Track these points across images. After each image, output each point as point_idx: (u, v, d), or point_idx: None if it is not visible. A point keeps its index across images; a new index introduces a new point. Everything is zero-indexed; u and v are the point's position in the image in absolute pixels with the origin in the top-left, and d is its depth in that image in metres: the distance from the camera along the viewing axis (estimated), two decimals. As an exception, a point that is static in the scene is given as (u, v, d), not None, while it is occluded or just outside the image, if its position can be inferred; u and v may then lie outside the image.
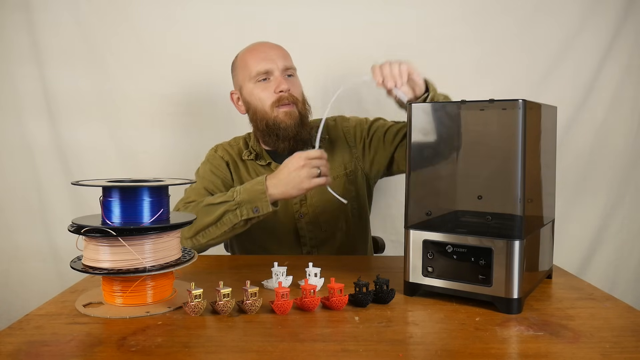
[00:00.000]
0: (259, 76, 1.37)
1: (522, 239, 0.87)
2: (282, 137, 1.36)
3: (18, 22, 1.78)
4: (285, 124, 1.35)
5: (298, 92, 1.40)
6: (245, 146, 1.48)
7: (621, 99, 1.87)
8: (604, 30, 1.83)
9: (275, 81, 1.36)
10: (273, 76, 1.37)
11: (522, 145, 0.85)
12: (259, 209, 1.20)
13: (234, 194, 1.23)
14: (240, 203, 1.21)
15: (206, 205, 1.25)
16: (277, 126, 1.36)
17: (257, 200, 1.20)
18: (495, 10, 1.82)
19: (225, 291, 0.87)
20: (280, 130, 1.36)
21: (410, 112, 0.95)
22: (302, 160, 1.19)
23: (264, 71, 1.36)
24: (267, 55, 1.38)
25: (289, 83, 1.37)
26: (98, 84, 1.82)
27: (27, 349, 0.75)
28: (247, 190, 1.22)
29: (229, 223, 1.23)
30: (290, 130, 1.35)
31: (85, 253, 0.92)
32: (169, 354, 0.73)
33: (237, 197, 1.22)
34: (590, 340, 0.77)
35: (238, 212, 1.22)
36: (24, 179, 1.83)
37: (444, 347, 0.75)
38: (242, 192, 1.22)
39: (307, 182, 1.18)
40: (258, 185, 1.21)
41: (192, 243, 1.25)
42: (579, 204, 1.90)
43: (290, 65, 1.41)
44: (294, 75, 1.42)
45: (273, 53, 1.38)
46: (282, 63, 1.37)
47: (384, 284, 0.93)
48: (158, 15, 1.80)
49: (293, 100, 1.37)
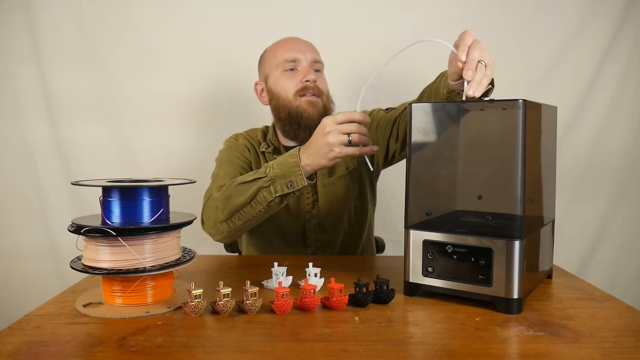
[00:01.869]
0: (287, 64, 1.36)
1: (522, 239, 0.87)
2: (304, 126, 1.35)
3: (18, 21, 1.78)
4: (307, 113, 1.34)
5: (324, 87, 1.40)
6: (263, 138, 1.47)
7: (621, 99, 1.87)
8: (604, 30, 1.83)
9: (302, 71, 1.36)
10: (301, 66, 1.37)
11: (522, 145, 0.85)
12: (294, 183, 1.11)
13: (266, 170, 1.15)
14: (273, 178, 1.13)
15: (239, 184, 1.18)
16: (300, 115, 1.35)
17: (290, 175, 1.11)
18: (494, 11, 1.82)
19: (225, 291, 0.87)
20: (302, 119, 1.34)
21: (410, 112, 0.95)
22: (328, 126, 1.07)
23: (292, 59, 1.36)
24: (297, 46, 1.38)
25: (316, 75, 1.37)
26: (98, 84, 1.82)
27: (27, 349, 0.75)
28: (280, 165, 1.13)
29: (263, 201, 1.15)
30: (312, 120, 1.34)
31: (85, 253, 0.92)
32: (169, 354, 0.73)
33: (269, 172, 1.14)
34: (590, 340, 0.77)
35: (272, 189, 1.13)
36: (24, 179, 1.83)
37: (444, 347, 0.75)
38: (276, 166, 1.14)
39: (335, 149, 1.07)
40: (291, 158, 1.12)
41: (228, 227, 1.21)
42: (579, 204, 1.90)
43: (319, 59, 1.41)
44: (322, 70, 1.42)
45: (303, 45, 1.39)
46: (311, 55, 1.38)
47: (384, 284, 0.93)
48: (158, 15, 1.80)
49: (318, 92, 1.36)
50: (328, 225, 1.41)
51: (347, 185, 1.43)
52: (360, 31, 1.83)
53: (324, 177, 1.42)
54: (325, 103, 1.38)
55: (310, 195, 1.41)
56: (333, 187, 1.42)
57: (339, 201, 1.41)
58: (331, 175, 1.42)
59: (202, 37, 1.81)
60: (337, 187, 1.42)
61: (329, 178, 1.42)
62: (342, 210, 1.42)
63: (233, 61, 1.81)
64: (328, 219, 1.41)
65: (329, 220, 1.41)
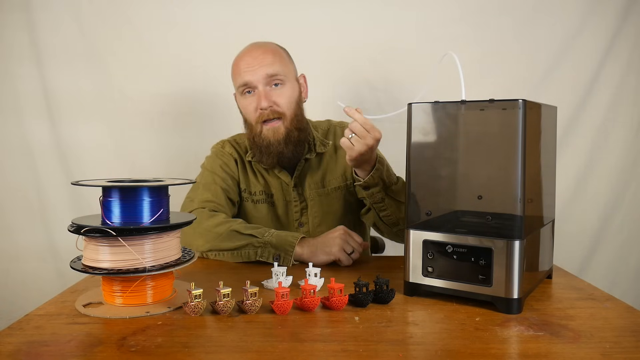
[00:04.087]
0: (243, 88, 1.32)
1: (522, 239, 0.87)
2: (266, 153, 1.33)
3: (18, 21, 1.78)
4: (268, 141, 1.31)
5: (285, 104, 1.32)
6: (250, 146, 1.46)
7: (621, 99, 1.87)
8: (604, 30, 1.83)
9: (257, 97, 1.31)
10: (257, 89, 1.30)
11: (522, 145, 0.85)
12: (280, 258, 1.19)
13: (264, 233, 1.21)
14: (265, 244, 1.20)
15: (233, 230, 1.23)
16: (261, 142, 1.32)
17: (282, 250, 1.19)
18: (494, 11, 1.82)
19: (225, 291, 0.87)
20: (263, 147, 1.33)
21: (411, 111, 0.95)
22: (344, 233, 1.20)
23: (244, 83, 1.31)
24: (250, 65, 1.30)
25: (274, 95, 1.30)
26: (98, 84, 1.82)
27: (27, 349, 0.75)
28: (279, 236, 1.20)
29: (245, 257, 1.22)
30: (273, 147, 1.32)
31: (85, 253, 0.92)
32: (169, 354, 0.73)
33: (267, 237, 1.20)
34: (591, 340, 0.77)
35: (259, 251, 1.20)
36: (24, 179, 1.83)
37: (444, 347, 0.75)
38: (274, 235, 1.20)
39: (337, 249, 1.18)
40: (291, 238, 1.20)
41: (200, 254, 1.26)
42: (579, 204, 1.90)
43: (277, 71, 1.30)
44: (283, 82, 1.32)
45: (257, 62, 1.30)
46: (263, 73, 1.29)
47: (384, 284, 0.93)
48: (158, 15, 1.80)
49: (277, 115, 1.31)
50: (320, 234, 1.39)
51: (344, 198, 1.42)
52: (360, 31, 1.83)
53: (318, 187, 1.41)
54: (288, 124, 1.32)
55: (298, 203, 1.40)
56: (328, 198, 1.41)
57: (333, 212, 1.41)
58: (324, 187, 1.41)
59: (202, 37, 1.81)
60: (331, 198, 1.41)
61: (322, 189, 1.41)
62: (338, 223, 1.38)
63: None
64: (321, 228, 1.38)
65: (322, 230, 1.36)
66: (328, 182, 1.41)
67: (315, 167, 1.42)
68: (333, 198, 1.41)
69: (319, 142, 1.42)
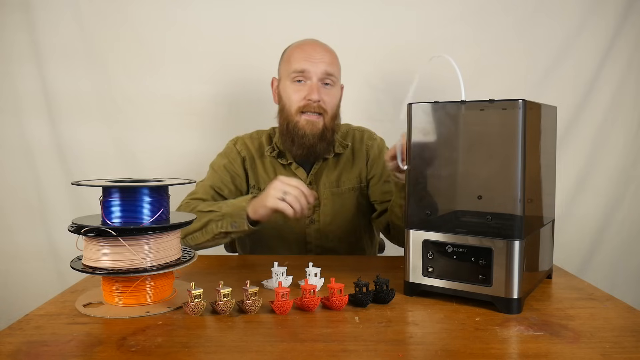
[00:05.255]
0: (296, 75, 1.33)
1: (522, 239, 0.87)
2: (297, 144, 1.34)
3: (18, 21, 1.78)
4: (303, 132, 1.33)
5: (331, 104, 1.35)
6: (269, 141, 1.46)
7: (621, 99, 1.87)
8: (604, 30, 1.83)
9: (308, 87, 1.33)
10: (310, 81, 1.33)
11: (522, 145, 0.85)
12: (237, 224, 1.22)
13: (222, 206, 1.25)
14: (224, 215, 1.23)
15: (198, 211, 1.27)
16: (296, 132, 1.33)
17: (236, 216, 1.22)
18: (495, 11, 1.82)
19: (225, 291, 0.87)
20: (296, 137, 1.34)
21: (410, 112, 0.95)
22: (277, 182, 1.17)
23: (301, 70, 1.32)
24: (311, 57, 1.33)
25: (323, 92, 1.33)
26: (98, 84, 1.82)
27: (27, 349, 0.75)
28: (232, 204, 1.25)
29: (211, 232, 1.25)
30: (307, 139, 1.33)
31: (85, 253, 0.92)
32: (169, 354, 0.73)
33: (224, 209, 1.24)
34: (591, 340, 0.77)
35: (220, 224, 1.24)
36: (24, 179, 1.83)
37: (444, 347, 0.75)
38: (229, 205, 1.25)
39: (271, 200, 1.16)
40: (242, 202, 1.23)
41: (185, 242, 1.27)
42: (579, 204, 1.90)
43: (332, 72, 1.35)
44: (334, 84, 1.36)
45: (318, 56, 1.33)
46: (322, 68, 1.32)
47: (384, 284, 0.93)
48: (158, 15, 1.80)
49: (321, 111, 1.33)
50: (330, 233, 1.40)
51: (357, 200, 1.43)
52: (360, 31, 1.82)
53: (332, 186, 1.41)
54: (327, 122, 1.35)
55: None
56: (342, 198, 1.41)
57: (345, 212, 1.41)
58: (339, 187, 1.42)
59: (203, 37, 1.81)
60: (344, 198, 1.42)
61: (337, 188, 1.42)
62: (350, 224, 1.41)
63: (233, 61, 1.81)
64: (331, 227, 1.40)
65: (332, 229, 1.40)
66: (343, 182, 1.42)
67: (332, 166, 1.43)
68: (346, 198, 1.42)
69: (338, 143, 1.43)
